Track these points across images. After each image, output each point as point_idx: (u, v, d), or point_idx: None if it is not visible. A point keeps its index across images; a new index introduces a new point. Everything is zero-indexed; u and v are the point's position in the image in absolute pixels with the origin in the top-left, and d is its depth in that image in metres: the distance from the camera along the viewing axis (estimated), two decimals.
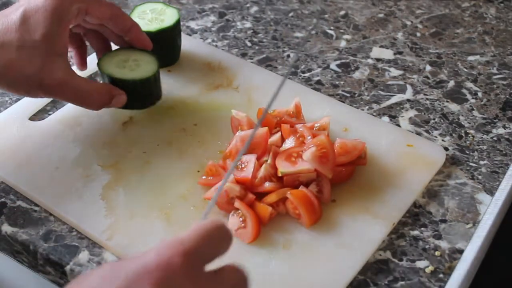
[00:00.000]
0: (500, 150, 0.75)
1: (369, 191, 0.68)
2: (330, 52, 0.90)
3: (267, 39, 0.92)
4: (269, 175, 0.66)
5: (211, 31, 0.94)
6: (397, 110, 0.81)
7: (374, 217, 0.65)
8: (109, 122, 0.75)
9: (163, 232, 0.63)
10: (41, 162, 0.70)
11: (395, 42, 0.93)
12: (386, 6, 1.00)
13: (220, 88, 0.81)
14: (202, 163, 0.70)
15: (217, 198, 0.64)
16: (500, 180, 0.71)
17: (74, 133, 0.74)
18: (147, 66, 0.72)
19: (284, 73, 0.83)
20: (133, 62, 0.73)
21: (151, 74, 0.72)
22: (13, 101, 0.79)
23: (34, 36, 0.63)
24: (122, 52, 0.74)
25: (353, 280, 0.61)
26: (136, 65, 0.72)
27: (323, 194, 0.66)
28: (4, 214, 0.67)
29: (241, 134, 0.69)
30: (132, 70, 0.72)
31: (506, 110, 0.81)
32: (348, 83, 0.85)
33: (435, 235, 0.65)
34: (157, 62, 0.73)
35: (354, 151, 0.68)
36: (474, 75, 0.87)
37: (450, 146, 0.76)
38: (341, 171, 0.67)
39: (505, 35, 0.95)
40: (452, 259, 0.63)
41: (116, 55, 0.73)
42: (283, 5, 1.00)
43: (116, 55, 0.73)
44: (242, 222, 0.63)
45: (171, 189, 0.68)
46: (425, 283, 0.61)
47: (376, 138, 0.73)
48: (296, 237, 0.63)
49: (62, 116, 0.76)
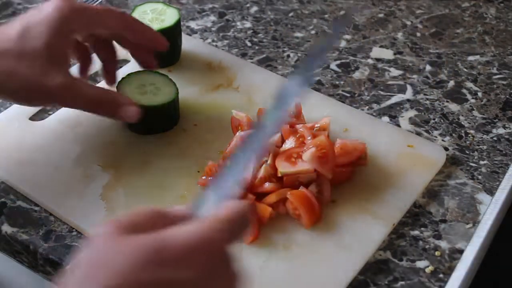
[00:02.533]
0: (500, 150, 0.75)
1: (369, 191, 0.68)
2: (330, 52, 0.90)
3: (267, 39, 0.92)
4: (269, 175, 0.66)
5: (211, 31, 0.94)
6: (397, 110, 0.81)
7: (374, 218, 0.65)
8: (109, 122, 0.75)
9: None
10: (41, 162, 0.71)
11: (395, 42, 0.93)
12: (386, 6, 1.00)
13: (220, 88, 0.81)
14: (202, 163, 0.70)
15: None
16: (500, 180, 0.71)
17: (74, 133, 0.74)
18: (166, 88, 0.73)
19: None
20: (152, 86, 0.72)
21: (174, 97, 0.72)
22: None
23: (35, 44, 0.63)
24: (137, 76, 0.73)
25: (353, 280, 0.61)
26: (156, 89, 0.72)
27: (323, 194, 0.66)
28: (4, 214, 0.67)
29: (241, 134, 0.69)
30: (155, 95, 0.71)
31: (506, 110, 0.81)
32: (348, 83, 0.85)
33: (435, 235, 0.65)
34: (173, 83, 0.74)
35: (355, 152, 0.68)
36: (474, 75, 0.87)
37: (450, 146, 0.76)
38: (341, 171, 0.67)
39: (505, 35, 0.95)
40: (452, 259, 0.63)
41: (134, 80, 0.73)
42: (283, 5, 1.00)
43: (134, 79, 0.73)
44: None
45: (171, 189, 0.68)
46: (425, 283, 0.61)
47: (376, 138, 0.73)
48: (296, 238, 0.63)
49: (62, 116, 0.76)
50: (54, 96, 0.65)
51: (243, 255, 0.61)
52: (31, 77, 0.63)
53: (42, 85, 0.63)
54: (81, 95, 0.66)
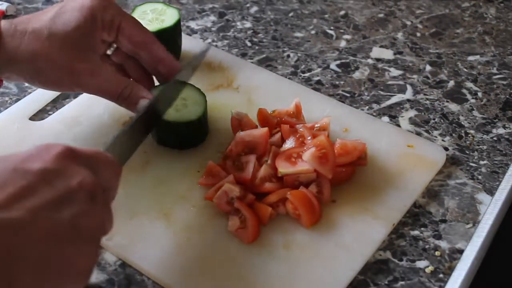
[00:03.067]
0: (500, 150, 0.75)
1: (369, 191, 0.68)
2: (330, 52, 0.90)
3: (267, 39, 0.92)
4: (269, 175, 0.66)
5: (211, 31, 0.94)
6: (397, 110, 0.81)
7: (374, 218, 0.65)
8: (109, 122, 0.75)
9: (163, 232, 0.63)
10: None
11: (395, 42, 0.93)
12: (386, 6, 1.00)
13: (220, 89, 0.81)
14: (202, 163, 0.70)
15: (217, 199, 0.64)
16: (500, 180, 0.71)
17: (74, 133, 0.74)
18: (193, 107, 0.70)
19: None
20: (181, 101, 0.70)
21: (195, 118, 0.70)
22: (13, 101, 0.80)
23: (67, 28, 0.64)
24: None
25: (353, 280, 0.61)
26: (183, 105, 0.70)
27: (323, 194, 0.66)
28: None
29: (241, 134, 0.69)
30: (178, 111, 0.69)
31: (506, 110, 0.81)
32: (348, 83, 0.85)
33: (435, 235, 0.65)
34: (204, 103, 0.71)
35: (355, 152, 0.68)
36: (474, 75, 0.87)
37: (450, 146, 0.76)
38: (341, 171, 0.67)
39: (505, 35, 0.95)
40: (452, 259, 0.63)
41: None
42: (283, 5, 1.00)
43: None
44: (241, 223, 0.63)
45: (171, 189, 0.68)
46: (425, 283, 0.61)
47: (377, 138, 0.74)
48: (296, 238, 0.63)
49: (62, 116, 0.76)
50: (80, 81, 0.66)
51: (243, 255, 0.61)
52: (61, 59, 0.64)
53: (70, 68, 0.64)
54: (105, 83, 0.67)
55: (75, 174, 0.46)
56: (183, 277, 0.60)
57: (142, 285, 0.60)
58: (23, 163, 0.44)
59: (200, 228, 0.64)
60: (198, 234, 0.63)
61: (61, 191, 0.44)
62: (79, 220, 0.43)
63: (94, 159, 0.49)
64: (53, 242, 0.41)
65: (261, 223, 0.64)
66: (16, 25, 0.64)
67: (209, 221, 0.64)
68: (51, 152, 0.46)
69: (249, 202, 0.64)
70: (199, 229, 0.64)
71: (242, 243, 0.62)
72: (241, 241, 0.62)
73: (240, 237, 0.63)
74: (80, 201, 0.44)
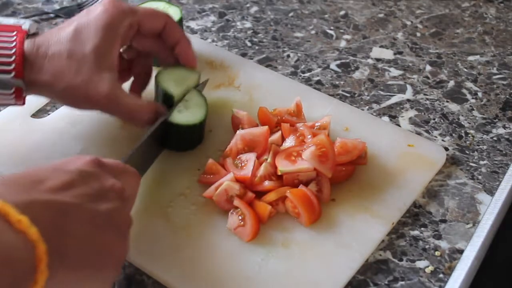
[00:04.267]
0: (500, 150, 0.75)
1: (368, 190, 0.68)
2: (330, 52, 0.90)
3: (267, 39, 0.93)
4: (269, 173, 0.66)
5: (211, 31, 0.94)
6: (397, 110, 0.81)
7: (374, 217, 0.65)
8: (110, 119, 0.75)
9: (163, 230, 0.63)
10: (43, 159, 0.70)
11: (395, 42, 0.93)
12: (386, 6, 1.01)
13: (221, 87, 0.81)
14: (202, 161, 0.70)
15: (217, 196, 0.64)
16: (500, 180, 0.71)
17: (76, 130, 0.74)
18: (195, 109, 0.70)
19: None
20: (183, 102, 0.70)
21: (197, 122, 0.69)
22: None
23: (84, 48, 0.63)
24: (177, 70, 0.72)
25: (353, 280, 0.61)
26: (185, 107, 0.70)
27: (323, 193, 0.66)
28: None
29: (242, 132, 0.69)
30: (179, 112, 0.69)
31: (506, 110, 0.81)
32: (348, 83, 0.85)
33: (435, 235, 0.65)
34: (206, 106, 0.71)
35: (355, 151, 0.68)
36: (474, 75, 0.87)
37: (450, 146, 0.76)
38: (341, 170, 0.67)
39: (505, 35, 0.95)
40: (452, 259, 0.63)
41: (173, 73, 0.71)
42: (283, 5, 1.00)
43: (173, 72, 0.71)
44: (241, 221, 0.63)
45: (171, 187, 0.68)
46: (425, 283, 0.61)
47: (377, 138, 0.74)
48: (295, 236, 0.63)
49: (64, 113, 0.76)
50: (99, 105, 0.65)
51: (242, 253, 0.61)
52: (77, 83, 0.63)
53: (86, 93, 0.63)
54: (126, 108, 0.66)
55: (106, 178, 0.51)
56: (182, 275, 0.59)
57: (142, 284, 0.60)
58: (61, 165, 0.50)
59: (200, 226, 0.64)
60: (198, 232, 0.63)
61: (96, 189, 0.49)
62: (113, 214, 0.49)
63: (118, 169, 0.55)
64: (95, 227, 0.47)
65: (261, 221, 0.64)
66: (38, 47, 0.63)
67: (208, 219, 0.64)
68: (82, 160, 0.52)
69: (248, 200, 0.64)
70: (199, 227, 0.64)
71: (242, 241, 0.62)
72: (241, 239, 0.62)
73: (239, 235, 0.63)
74: (113, 199, 0.50)
